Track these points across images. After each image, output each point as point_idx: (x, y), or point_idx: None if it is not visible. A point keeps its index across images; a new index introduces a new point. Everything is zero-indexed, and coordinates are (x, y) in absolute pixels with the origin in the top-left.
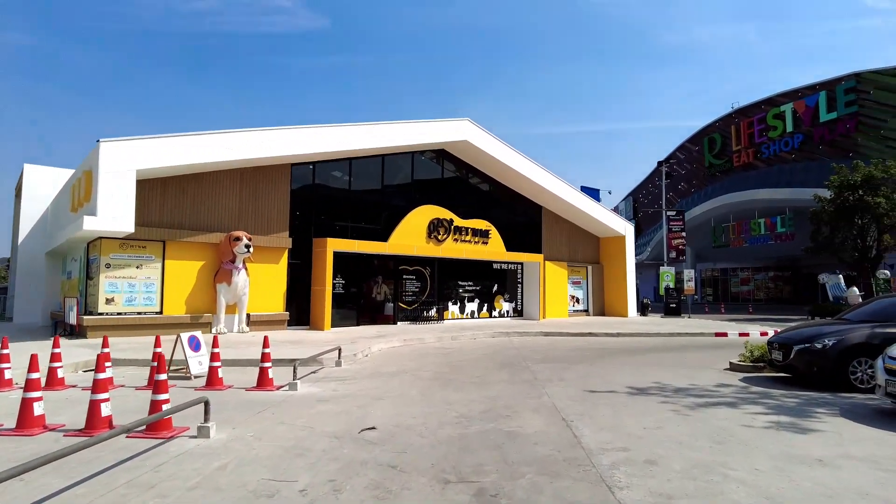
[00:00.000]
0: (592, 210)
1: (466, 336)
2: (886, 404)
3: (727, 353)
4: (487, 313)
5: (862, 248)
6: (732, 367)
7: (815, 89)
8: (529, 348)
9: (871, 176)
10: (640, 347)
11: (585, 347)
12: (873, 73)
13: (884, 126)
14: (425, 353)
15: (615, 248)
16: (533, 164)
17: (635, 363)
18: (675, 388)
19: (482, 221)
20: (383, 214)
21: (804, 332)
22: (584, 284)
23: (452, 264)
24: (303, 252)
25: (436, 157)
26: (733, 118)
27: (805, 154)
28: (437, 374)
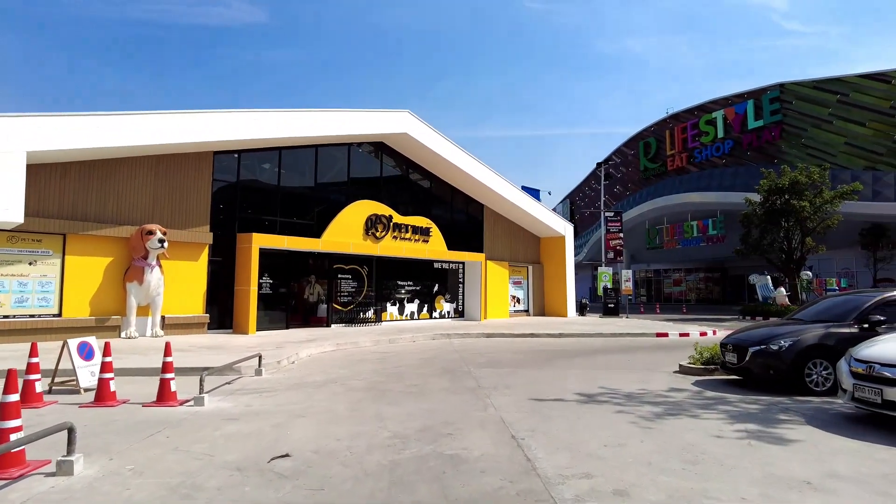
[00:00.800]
0: (534, 209)
1: (405, 339)
2: (849, 408)
3: (672, 354)
4: (428, 314)
5: (788, 249)
6: (682, 369)
7: (743, 97)
8: (472, 351)
9: (796, 181)
10: (585, 349)
11: (529, 350)
12: (795, 85)
13: (804, 135)
14: (360, 358)
15: (555, 248)
16: (475, 161)
17: (582, 366)
18: (628, 395)
19: (423, 219)
20: (316, 209)
21: (758, 333)
22: (525, 284)
23: (391, 263)
24: (226, 248)
25: (374, 150)
26: (668, 123)
27: (735, 159)
28: (371, 383)
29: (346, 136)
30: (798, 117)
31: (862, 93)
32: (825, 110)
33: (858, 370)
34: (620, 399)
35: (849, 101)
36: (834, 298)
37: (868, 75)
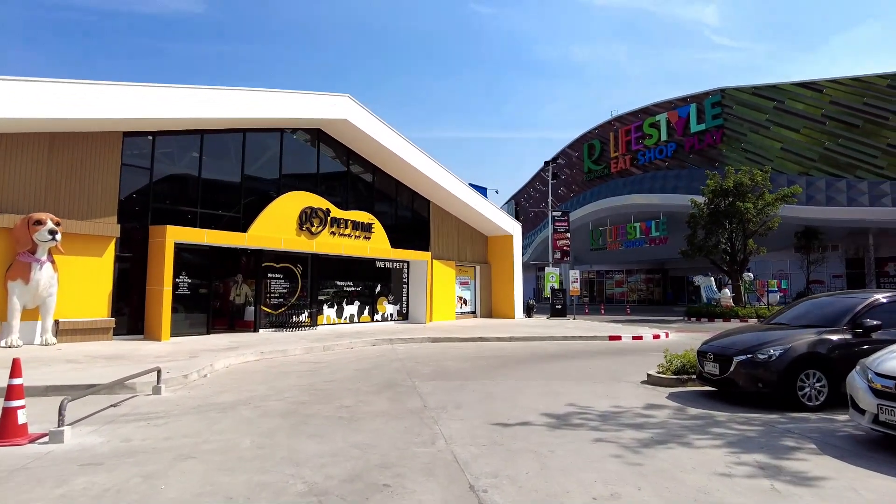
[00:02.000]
0: (482, 207)
1: (342, 345)
2: (860, 430)
3: (632, 360)
4: (369, 317)
5: (731, 251)
6: (651, 380)
7: (686, 101)
8: (417, 359)
9: (740, 183)
10: (539, 354)
11: (479, 356)
12: (735, 90)
13: (744, 139)
14: (286, 370)
15: (503, 247)
16: (421, 154)
17: (540, 376)
18: (602, 415)
19: (364, 214)
20: (244, 201)
21: (742, 340)
22: (472, 285)
23: (329, 261)
24: (138, 243)
25: (310, 138)
26: (612, 125)
27: (677, 162)
28: (293, 404)
29: (279, 121)
30: (738, 122)
31: (796, 100)
32: (763, 116)
33: (882, 387)
34: (595, 421)
35: (784, 108)
36: (817, 300)
37: (801, 84)
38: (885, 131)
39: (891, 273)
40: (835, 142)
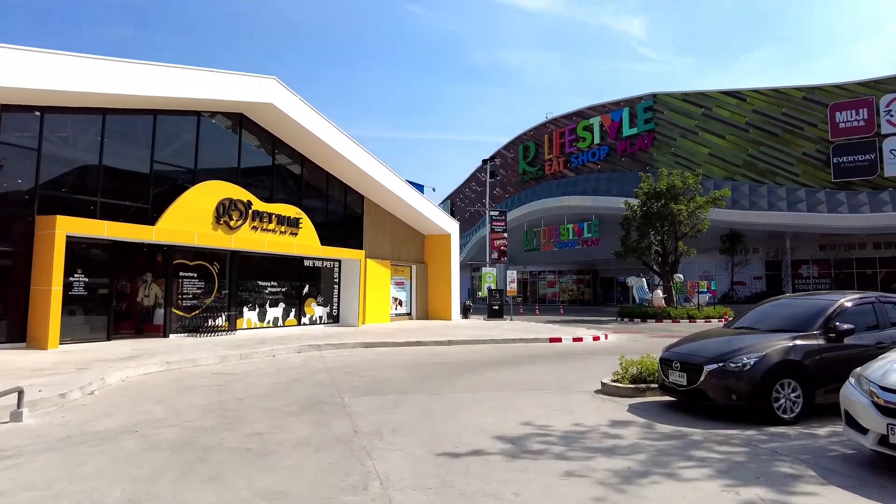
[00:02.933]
0: (419, 204)
1: (263, 352)
2: (856, 448)
3: (578, 365)
4: (296, 320)
5: (663, 252)
6: (606, 389)
7: (619, 105)
8: (347, 368)
9: (673, 185)
10: (481, 360)
11: (417, 363)
12: (667, 96)
13: (674, 144)
14: (193, 384)
15: (440, 246)
16: (355, 145)
17: (486, 386)
18: (564, 436)
19: (291, 208)
20: (153, 191)
21: (710, 346)
22: (408, 286)
23: (250, 259)
24: (22, 236)
25: (232, 124)
26: (547, 128)
27: (609, 165)
28: (192, 431)
29: (196, 102)
30: (669, 127)
31: (722, 108)
32: (692, 122)
33: (889, 403)
34: (558, 445)
35: (712, 115)
36: (780, 302)
37: (727, 92)
38: (801, 140)
39: (804, 275)
40: (757, 149)
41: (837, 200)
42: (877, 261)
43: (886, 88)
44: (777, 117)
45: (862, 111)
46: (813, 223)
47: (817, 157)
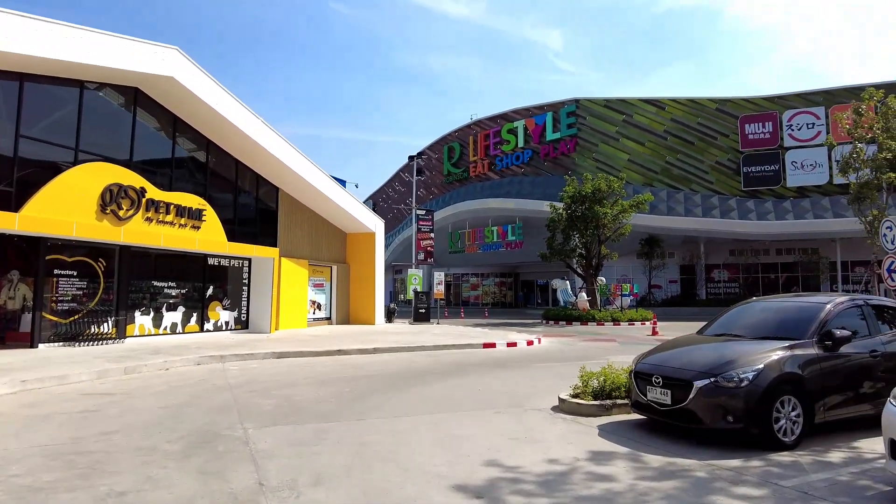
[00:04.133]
0: (341, 199)
1: (154, 365)
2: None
3: (522, 375)
4: (198, 326)
5: (588, 255)
6: (566, 407)
7: (543, 109)
8: (254, 385)
9: (598, 189)
10: (414, 371)
11: (340, 376)
12: (589, 101)
13: (595, 150)
14: (48, 412)
15: (364, 246)
16: (269, 130)
17: (425, 406)
18: (541, 481)
19: (194, 198)
20: (18, 172)
21: (695, 357)
22: (328, 288)
23: (145, 256)
24: None
25: (125, 98)
26: (471, 129)
27: (533, 169)
28: (19, 492)
29: (78, 69)
30: (590, 132)
31: (642, 115)
32: (613, 128)
33: None
34: (541, 497)
35: (632, 122)
36: (762, 305)
37: (647, 100)
38: (714, 150)
39: (715, 279)
40: (674, 156)
41: (747, 208)
42: (779, 266)
43: (788, 104)
44: (693, 126)
45: (768, 124)
46: (726, 229)
47: (729, 165)
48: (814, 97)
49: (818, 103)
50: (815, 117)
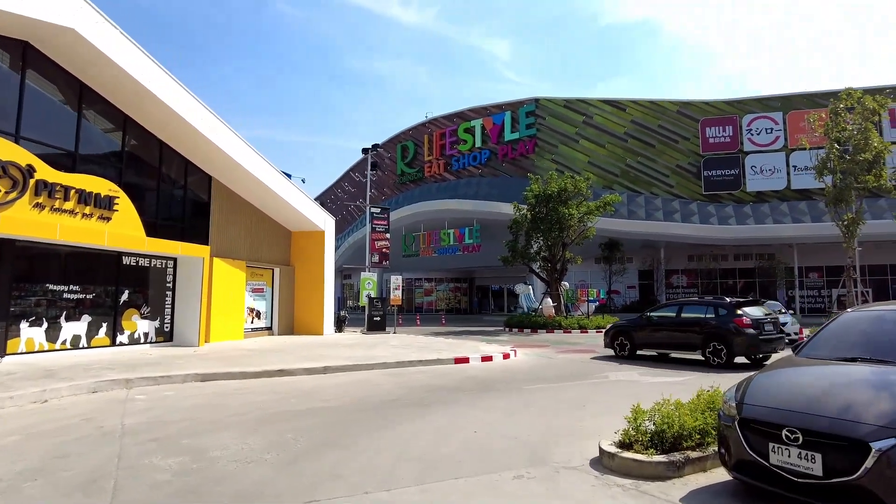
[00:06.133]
0: (287, 192)
1: (25, 397)
2: None
3: (519, 402)
4: (108, 339)
5: (552, 259)
6: (619, 465)
7: (502, 108)
8: (155, 432)
9: (564, 189)
10: (377, 400)
11: (281, 412)
12: (548, 101)
13: (555, 151)
14: None
15: (312, 246)
16: (200, 107)
17: (406, 470)
18: None
19: (104, 182)
20: None
21: (854, 395)
22: (269, 293)
23: (36, 251)
24: None
25: (10, 54)
26: (426, 128)
27: (491, 169)
28: None
29: None
30: (550, 133)
31: (602, 117)
32: (573, 129)
33: None
34: None
35: (592, 123)
36: (872, 315)
37: (607, 101)
38: (675, 153)
39: (674, 284)
40: (634, 159)
41: (708, 212)
42: (737, 271)
43: (748, 109)
44: (653, 128)
45: (728, 128)
46: (687, 233)
47: (689, 169)
48: (772, 102)
49: (776, 108)
50: (774, 122)
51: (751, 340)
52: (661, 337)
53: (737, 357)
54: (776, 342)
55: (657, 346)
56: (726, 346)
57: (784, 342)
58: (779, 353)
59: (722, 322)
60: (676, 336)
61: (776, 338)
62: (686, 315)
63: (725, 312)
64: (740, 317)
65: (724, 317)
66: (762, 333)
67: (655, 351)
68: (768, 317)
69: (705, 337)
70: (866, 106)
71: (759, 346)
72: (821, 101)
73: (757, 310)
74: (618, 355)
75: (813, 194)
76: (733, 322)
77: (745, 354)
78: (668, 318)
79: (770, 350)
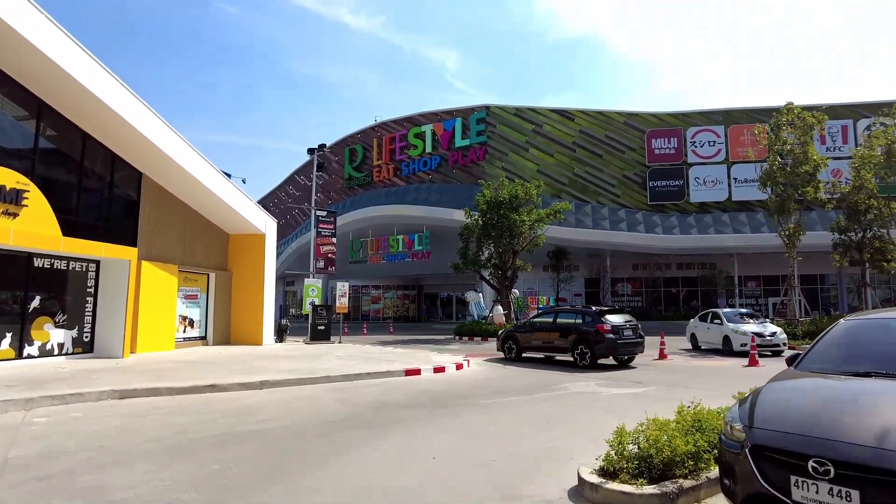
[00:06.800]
0: (224, 191)
1: None
2: None
3: (479, 421)
4: (13, 350)
5: (502, 266)
6: (598, 496)
7: (452, 114)
8: (48, 467)
9: (515, 195)
10: (322, 422)
11: (207, 437)
12: (499, 109)
13: (505, 159)
14: None
15: (251, 249)
16: (128, 94)
17: None
18: None
19: (10, 174)
20: None
21: (888, 416)
22: (204, 300)
23: None
24: None
25: None
26: (376, 132)
27: (441, 176)
28: None
29: None
30: (500, 141)
31: (551, 126)
32: (522, 137)
33: None
34: None
35: (541, 132)
36: (877, 322)
37: (556, 110)
38: (621, 163)
39: (619, 292)
40: (582, 168)
41: (653, 222)
42: (680, 280)
43: (692, 122)
44: (601, 139)
45: (673, 140)
46: (634, 242)
47: (635, 179)
48: (715, 116)
49: (719, 122)
50: (716, 135)
51: (610, 344)
52: (540, 341)
53: (599, 359)
54: (635, 346)
55: (537, 350)
56: (590, 349)
57: (642, 346)
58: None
59: (587, 328)
60: (552, 340)
61: (635, 342)
62: (560, 321)
63: (591, 319)
64: (602, 323)
65: (589, 323)
66: (621, 338)
67: (543, 354)
68: (628, 323)
69: (574, 341)
70: (806, 121)
71: (617, 349)
72: (759, 117)
73: (618, 317)
74: (507, 357)
75: (753, 206)
76: (596, 328)
77: (606, 356)
78: (546, 324)
79: (628, 353)
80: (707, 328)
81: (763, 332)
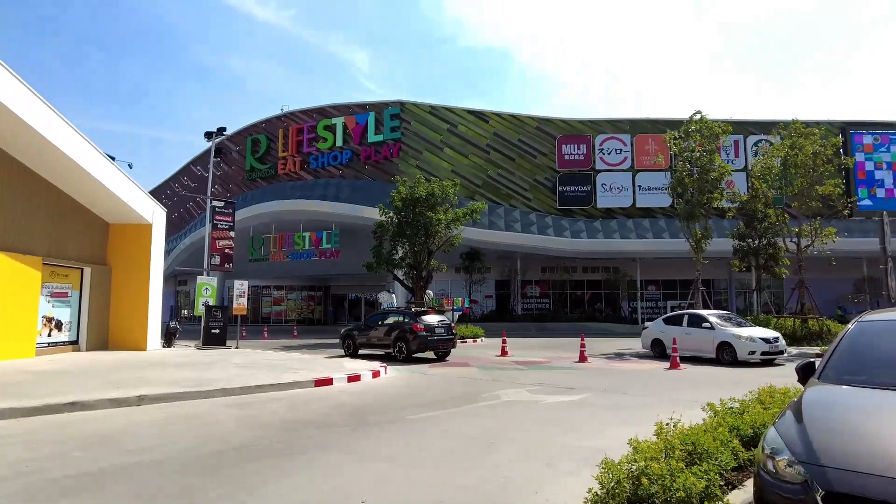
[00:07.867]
0: (104, 173)
1: None
2: None
3: (406, 444)
4: None
5: (417, 266)
6: None
7: (366, 108)
8: None
9: (432, 193)
10: (210, 450)
11: (52, 479)
12: (414, 106)
13: (419, 157)
14: None
15: (136, 242)
16: None
17: None
18: None
19: None
20: None
21: None
22: (76, 298)
23: None
24: None
25: None
26: (282, 121)
27: (353, 171)
28: None
29: None
30: (415, 139)
31: (466, 127)
32: (438, 136)
33: None
34: None
35: (456, 132)
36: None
37: (472, 111)
38: (533, 167)
39: (528, 294)
40: (496, 171)
41: (562, 226)
42: (585, 283)
43: (601, 129)
44: (514, 142)
45: (582, 146)
46: (544, 245)
47: (546, 183)
48: (622, 124)
49: (625, 130)
50: (623, 143)
51: (422, 340)
52: (371, 338)
53: (414, 353)
54: (447, 342)
55: (369, 346)
56: (405, 344)
57: (454, 342)
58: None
59: (406, 326)
60: (380, 337)
61: (446, 339)
62: (387, 321)
63: (409, 319)
64: (417, 323)
65: (408, 322)
66: (432, 335)
67: (374, 350)
68: (441, 323)
69: (395, 338)
70: (713, 130)
71: (428, 345)
72: (663, 127)
73: (433, 318)
74: (346, 354)
75: (655, 213)
76: (412, 327)
77: (419, 351)
78: (376, 324)
79: (437, 347)
80: (687, 333)
81: (769, 337)
